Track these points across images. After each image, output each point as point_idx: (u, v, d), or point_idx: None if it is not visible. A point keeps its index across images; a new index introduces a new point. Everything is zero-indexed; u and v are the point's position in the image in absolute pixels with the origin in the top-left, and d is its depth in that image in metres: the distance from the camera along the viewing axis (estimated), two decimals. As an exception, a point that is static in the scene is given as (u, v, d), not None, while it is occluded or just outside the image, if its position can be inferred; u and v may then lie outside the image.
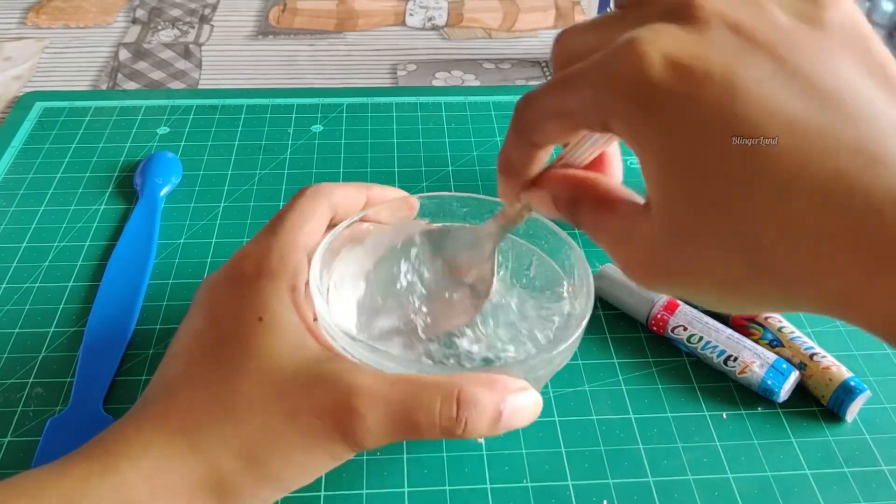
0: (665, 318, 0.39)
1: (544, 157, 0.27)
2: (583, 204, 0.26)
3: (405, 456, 0.35)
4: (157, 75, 0.64)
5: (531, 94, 0.24)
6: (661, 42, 0.20)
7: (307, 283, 0.31)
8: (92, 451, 0.27)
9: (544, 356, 0.30)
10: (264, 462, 0.27)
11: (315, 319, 0.31)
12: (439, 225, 0.36)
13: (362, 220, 0.35)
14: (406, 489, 0.34)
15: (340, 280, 0.34)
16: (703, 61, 0.20)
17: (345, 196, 0.34)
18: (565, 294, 0.34)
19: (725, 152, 0.20)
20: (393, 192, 0.36)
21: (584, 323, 0.31)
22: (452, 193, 0.36)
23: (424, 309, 0.34)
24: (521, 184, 0.27)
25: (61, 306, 0.42)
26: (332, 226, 0.34)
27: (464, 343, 0.33)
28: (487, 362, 0.32)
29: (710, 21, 0.20)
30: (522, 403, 0.29)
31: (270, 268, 0.30)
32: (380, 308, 0.34)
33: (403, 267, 0.35)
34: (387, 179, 0.51)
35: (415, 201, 0.36)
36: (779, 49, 0.20)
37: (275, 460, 0.27)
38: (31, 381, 0.38)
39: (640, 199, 0.24)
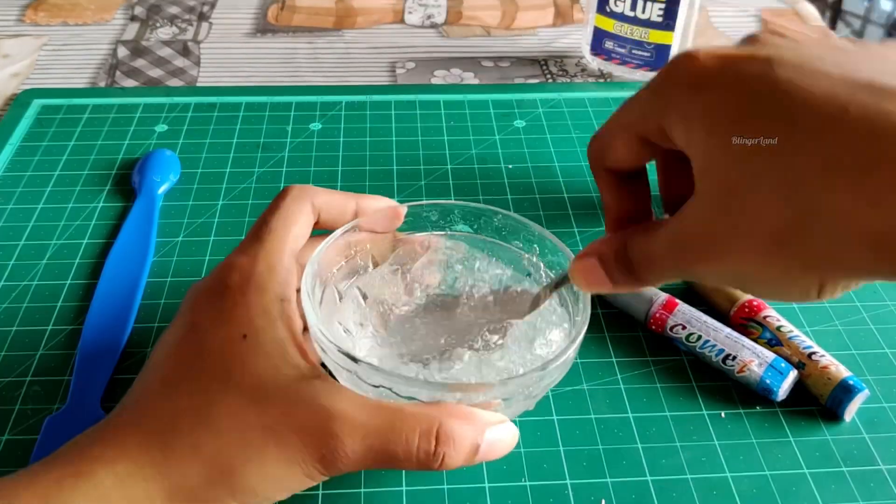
0: (664, 316, 0.39)
1: (628, 191, 0.29)
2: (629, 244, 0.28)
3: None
4: (155, 73, 0.64)
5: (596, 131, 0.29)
6: (711, 48, 0.24)
7: (298, 290, 0.31)
8: (67, 454, 0.27)
9: (536, 373, 0.29)
10: (239, 474, 0.26)
11: (305, 329, 0.31)
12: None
13: (356, 228, 0.34)
14: (404, 488, 0.34)
15: (338, 294, 0.34)
16: (748, 52, 0.23)
17: (329, 201, 0.34)
18: (562, 307, 0.34)
19: (767, 107, 0.22)
20: (381, 202, 0.35)
21: (579, 341, 0.30)
22: (454, 201, 0.36)
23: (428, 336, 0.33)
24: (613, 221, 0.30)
25: (59, 304, 0.42)
26: (319, 233, 0.34)
27: (461, 358, 0.32)
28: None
29: (761, 36, 0.25)
30: (499, 437, 0.29)
31: (257, 280, 0.30)
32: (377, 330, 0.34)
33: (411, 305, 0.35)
34: (385, 177, 0.51)
35: (403, 210, 0.35)
36: (823, 46, 0.23)
37: (250, 473, 0.27)
38: (28, 379, 0.38)
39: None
